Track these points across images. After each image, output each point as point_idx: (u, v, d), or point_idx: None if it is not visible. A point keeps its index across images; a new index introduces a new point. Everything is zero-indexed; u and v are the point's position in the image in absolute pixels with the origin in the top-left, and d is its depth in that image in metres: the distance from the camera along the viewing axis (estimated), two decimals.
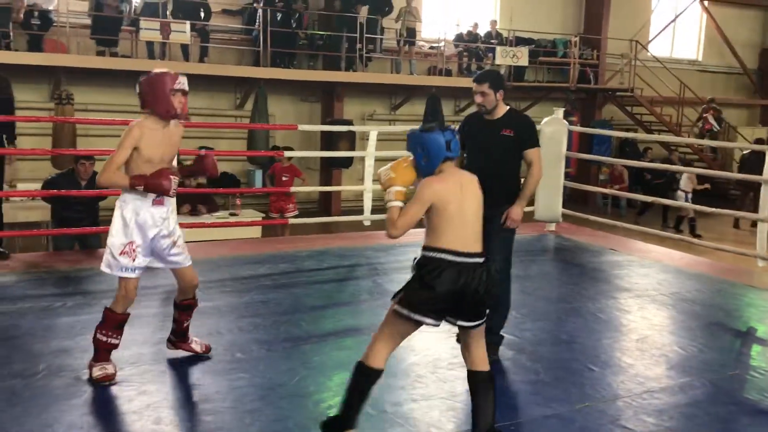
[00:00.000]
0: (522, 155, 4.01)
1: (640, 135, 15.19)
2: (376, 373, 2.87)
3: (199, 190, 9.03)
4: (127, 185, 3.39)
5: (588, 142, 14.70)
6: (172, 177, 3.41)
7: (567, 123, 7.57)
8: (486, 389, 2.88)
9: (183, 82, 3.44)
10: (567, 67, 14.60)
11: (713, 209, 7.46)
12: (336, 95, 12.77)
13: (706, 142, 14.94)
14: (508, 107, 4.06)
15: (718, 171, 12.69)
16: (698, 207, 8.73)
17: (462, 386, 3.55)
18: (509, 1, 14.92)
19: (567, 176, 14.30)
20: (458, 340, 3.22)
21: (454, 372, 3.74)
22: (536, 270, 6.16)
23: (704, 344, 4.40)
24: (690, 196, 12.10)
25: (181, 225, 6.60)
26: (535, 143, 4.06)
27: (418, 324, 2.81)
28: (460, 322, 2.88)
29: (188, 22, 10.69)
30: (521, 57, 13.20)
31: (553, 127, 7.41)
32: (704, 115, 15.27)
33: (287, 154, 9.17)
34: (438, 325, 2.84)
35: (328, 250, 6.61)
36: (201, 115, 11.58)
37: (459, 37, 13.76)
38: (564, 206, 7.62)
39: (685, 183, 12.12)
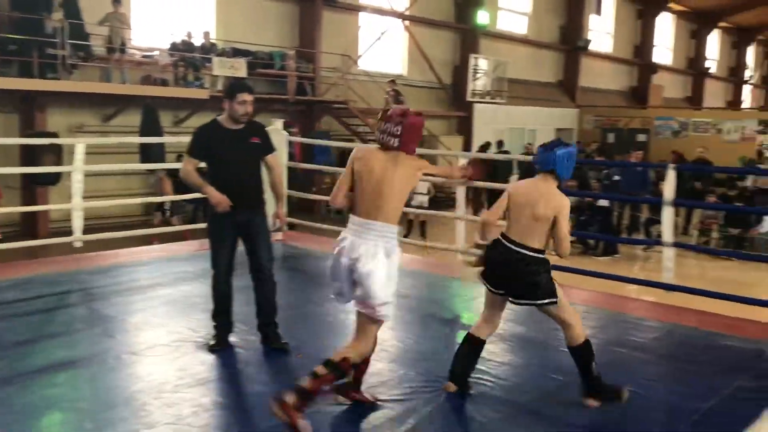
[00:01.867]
0: (263, 161, 4.36)
1: (354, 145, 16.07)
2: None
3: None
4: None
5: (310, 152, 15.17)
6: None
7: (287, 134, 7.71)
8: None
9: None
10: (285, 80, 14.92)
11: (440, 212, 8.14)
12: (37, 105, 11.56)
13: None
14: None
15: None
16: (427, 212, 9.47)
17: (188, 408, 3.42)
18: (225, 13, 14.83)
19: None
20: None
21: (179, 394, 3.58)
22: None
23: (419, 335, 4.78)
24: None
25: None
26: (275, 148, 4.46)
27: None
28: None
29: None
30: (239, 68, 13.18)
31: (274, 138, 7.49)
32: (385, 96, 16.50)
33: None
34: None
35: (34, 278, 5.93)
36: None
37: (174, 47, 13.32)
38: (290, 215, 7.74)
39: (426, 187, 12.93)
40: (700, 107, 28.66)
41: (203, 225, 4.95)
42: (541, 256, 3.56)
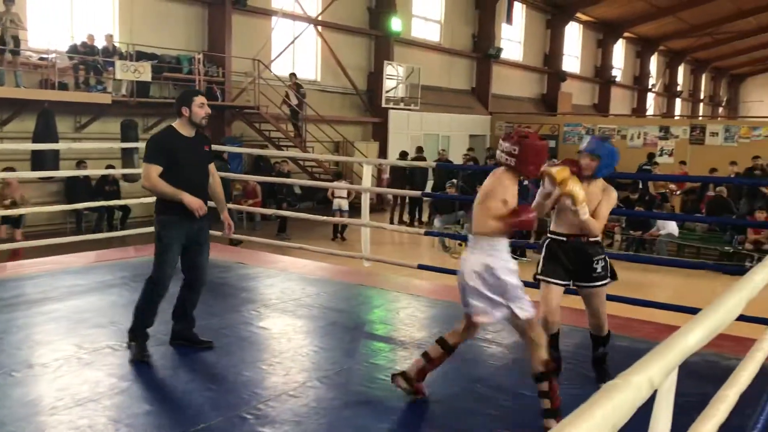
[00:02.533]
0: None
1: (270, 152, 15.85)
2: None
3: None
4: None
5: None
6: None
7: None
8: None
9: None
10: (193, 84, 14.53)
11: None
12: None
13: (331, 157, 16.26)
14: None
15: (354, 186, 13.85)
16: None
17: (64, 431, 3.22)
18: (129, 15, 14.32)
19: None
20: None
21: (56, 417, 3.36)
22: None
23: (319, 346, 4.68)
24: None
25: None
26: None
27: None
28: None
29: None
30: (143, 72, 12.75)
31: None
32: (286, 90, 16.29)
33: None
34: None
35: None
36: None
37: (73, 49, 12.75)
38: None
39: (346, 191, 13.24)
40: (607, 114, 29.78)
41: (108, 234, 4.72)
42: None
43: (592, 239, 3.89)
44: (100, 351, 4.33)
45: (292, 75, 16.62)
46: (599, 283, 3.93)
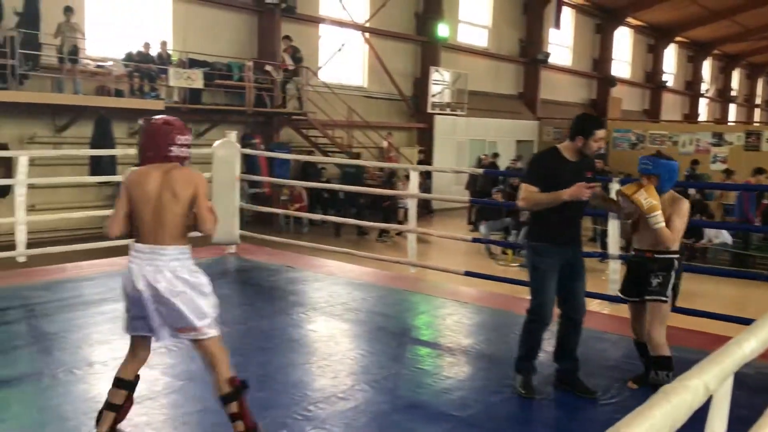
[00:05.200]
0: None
1: (317, 158, 16.02)
2: None
3: None
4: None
5: (270, 165, 15.10)
6: None
7: (239, 146, 7.63)
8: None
9: None
10: (244, 91, 14.81)
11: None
12: None
13: (377, 163, 16.36)
14: None
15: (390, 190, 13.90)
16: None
17: (123, 427, 3.33)
18: (183, 23, 14.69)
19: (262, 196, 14.58)
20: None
21: None
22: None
23: (366, 350, 4.73)
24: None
25: None
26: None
27: None
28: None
29: None
30: (196, 79, 13.06)
31: (226, 150, 7.42)
32: (282, 54, 15.45)
33: None
34: None
35: None
36: None
37: (129, 57, 13.12)
38: (249, 228, 7.66)
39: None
40: (657, 120, 29.24)
41: None
42: None
43: (658, 255, 3.90)
44: (156, 351, 4.44)
45: (286, 38, 15.83)
46: (650, 297, 3.87)
